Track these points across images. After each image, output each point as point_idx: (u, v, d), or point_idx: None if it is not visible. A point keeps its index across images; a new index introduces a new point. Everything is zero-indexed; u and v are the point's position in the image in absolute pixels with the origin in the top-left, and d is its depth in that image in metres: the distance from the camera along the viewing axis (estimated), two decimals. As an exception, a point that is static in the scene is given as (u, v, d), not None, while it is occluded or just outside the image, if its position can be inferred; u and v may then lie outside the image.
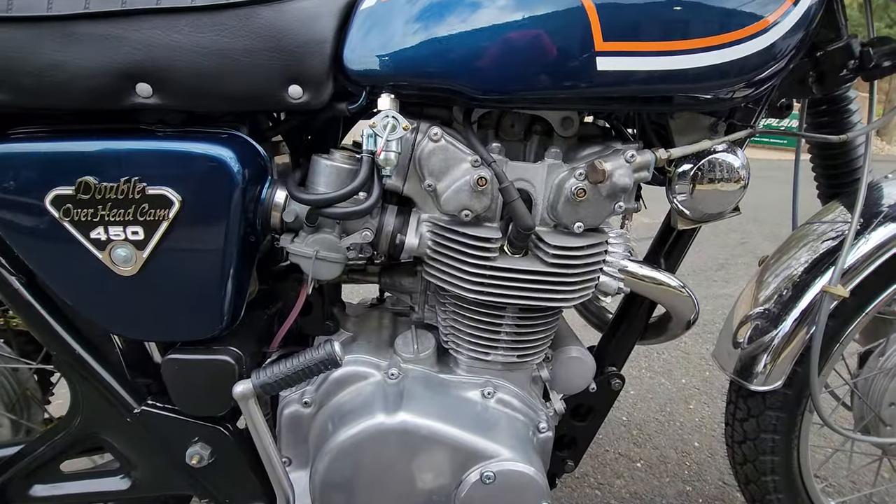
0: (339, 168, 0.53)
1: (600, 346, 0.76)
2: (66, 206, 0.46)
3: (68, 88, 0.44)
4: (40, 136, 0.47)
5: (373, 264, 0.69)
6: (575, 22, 0.46)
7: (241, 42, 0.46)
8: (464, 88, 0.49)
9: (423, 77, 0.49)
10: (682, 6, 0.47)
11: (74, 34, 0.43)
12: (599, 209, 0.53)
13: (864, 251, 0.68)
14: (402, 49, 0.48)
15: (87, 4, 0.43)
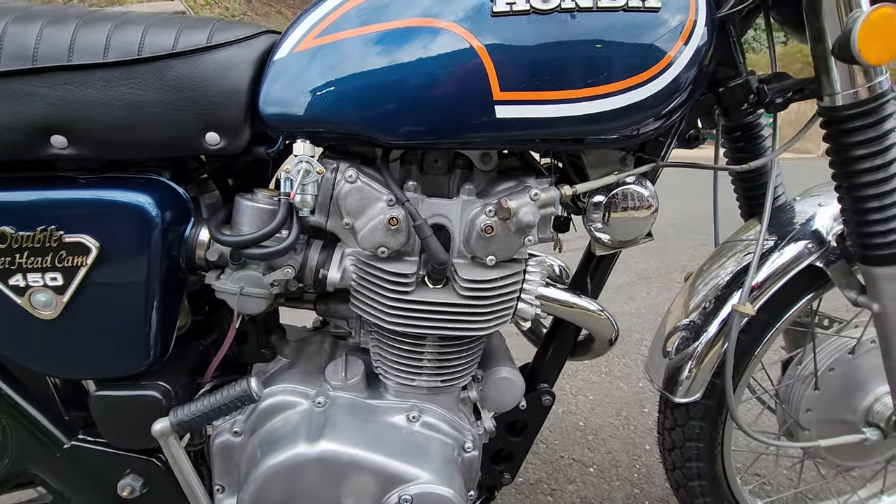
0: (260, 209, 0.55)
1: (534, 363, 0.80)
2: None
3: None
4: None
5: (309, 292, 0.71)
6: (473, 73, 0.49)
7: (155, 94, 0.48)
8: (372, 134, 0.52)
9: (333, 124, 0.52)
10: (576, 57, 0.51)
11: (-14, 91, 0.45)
12: (509, 243, 0.57)
13: (772, 270, 0.73)
14: (313, 98, 0.51)
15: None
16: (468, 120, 0.51)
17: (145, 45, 0.48)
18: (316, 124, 0.52)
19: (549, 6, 0.49)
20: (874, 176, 0.61)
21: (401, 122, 0.51)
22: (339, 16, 0.51)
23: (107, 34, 0.47)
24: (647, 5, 0.50)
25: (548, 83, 0.50)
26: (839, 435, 0.82)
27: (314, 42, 0.51)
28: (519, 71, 0.50)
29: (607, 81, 0.51)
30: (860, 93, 0.58)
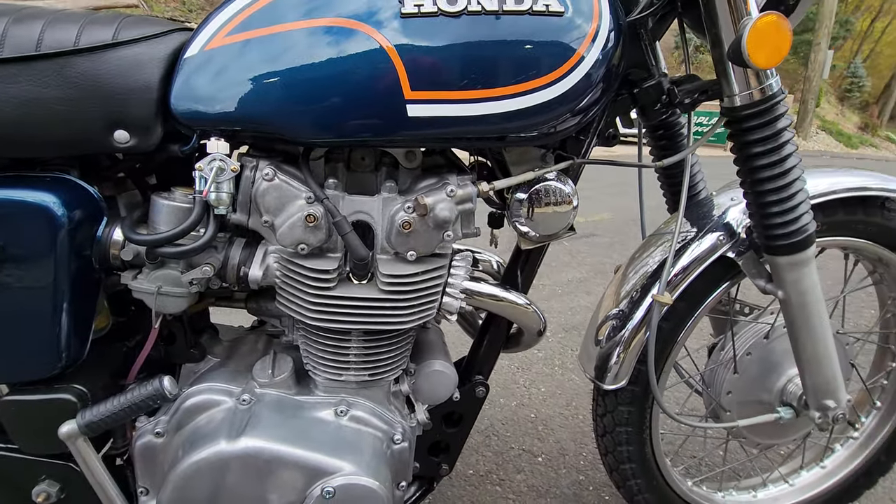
0: (176, 207, 0.55)
1: (469, 356, 0.82)
2: None
3: None
4: None
5: (237, 290, 0.71)
6: (383, 73, 0.50)
7: (57, 91, 0.47)
8: (284, 133, 0.52)
9: (246, 122, 0.52)
10: (484, 58, 0.53)
11: None
12: (428, 239, 0.58)
13: (688, 261, 0.77)
14: (224, 96, 0.51)
15: None
16: (380, 119, 0.52)
17: (44, 40, 0.47)
18: (228, 122, 0.52)
19: (457, 9, 0.50)
20: (772, 171, 0.65)
21: (312, 121, 0.52)
22: (249, 14, 0.51)
23: (3, 27, 0.46)
24: (551, 10, 0.52)
25: (458, 83, 0.52)
26: (757, 415, 0.87)
27: (225, 40, 0.51)
28: (429, 71, 0.51)
29: (516, 81, 0.53)
30: (754, 94, 0.62)
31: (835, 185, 0.78)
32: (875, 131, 17.35)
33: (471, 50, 0.52)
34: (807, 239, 0.68)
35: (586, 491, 1.16)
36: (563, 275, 2.59)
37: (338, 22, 0.50)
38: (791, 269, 0.71)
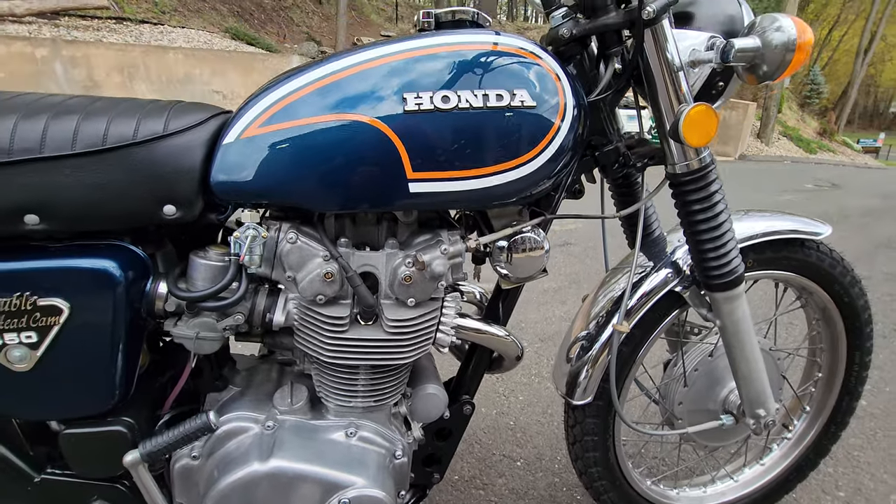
0: (212, 266, 0.65)
1: (457, 378, 0.93)
2: (-40, 318, 0.55)
3: None
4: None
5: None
6: (389, 158, 0.62)
7: (119, 177, 0.57)
8: (306, 205, 0.63)
9: (275, 198, 0.63)
10: (474, 143, 0.64)
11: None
12: (425, 288, 0.70)
13: (643, 293, 0.90)
14: (257, 177, 0.61)
15: (-25, 157, 0.52)
16: (387, 194, 0.63)
17: (109, 135, 0.56)
18: (260, 197, 0.63)
19: (449, 106, 0.62)
20: (707, 225, 0.79)
21: (329, 197, 0.63)
22: (278, 109, 0.61)
23: (75, 125, 0.56)
24: (525, 105, 0.64)
25: (451, 165, 0.64)
26: (704, 422, 1.01)
27: (258, 130, 0.61)
28: (427, 155, 0.63)
29: (501, 161, 0.65)
30: (692, 164, 0.76)
31: (764, 228, 0.93)
32: (832, 136, 18.20)
33: (461, 138, 0.63)
34: (737, 279, 0.82)
35: (560, 492, 1.29)
36: (538, 285, 2.73)
37: (352, 117, 0.61)
38: (725, 303, 0.86)
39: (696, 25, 0.77)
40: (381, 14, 19.61)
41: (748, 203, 5.59)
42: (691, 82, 0.74)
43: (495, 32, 0.68)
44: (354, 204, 0.64)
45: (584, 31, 0.72)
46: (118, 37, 7.32)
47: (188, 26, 9.03)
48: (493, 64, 0.64)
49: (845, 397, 1.13)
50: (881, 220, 5.03)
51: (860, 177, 9.77)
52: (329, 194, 0.63)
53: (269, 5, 15.48)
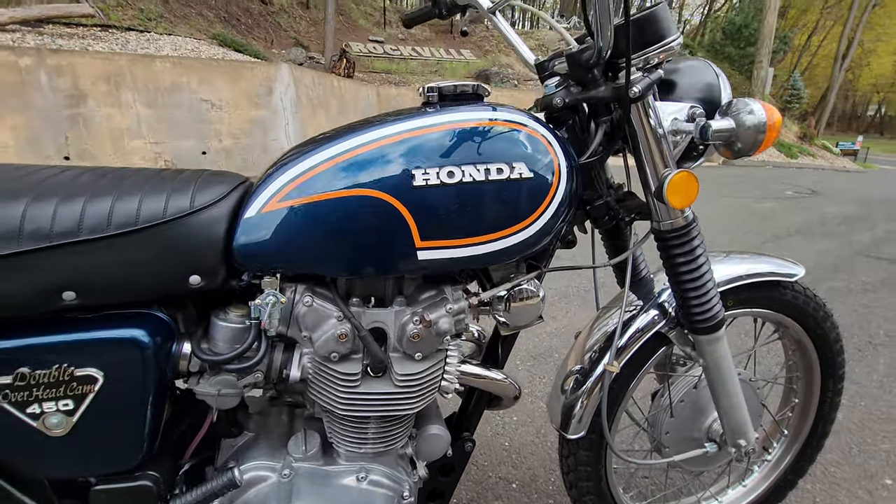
0: (232, 328, 0.69)
1: (458, 415, 0.99)
2: (5, 391, 0.58)
3: (4, 305, 0.57)
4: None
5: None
6: (399, 229, 0.67)
7: (150, 254, 0.61)
8: (323, 272, 0.68)
9: (293, 266, 0.67)
10: (478, 213, 0.69)
11: (10, 266, 0.56)
12: (432, 343, 0.75)
13: (630, 334, 0.97)
14: (276, 248, 0.66)
15: (19, 243, 0.56)
16: (397, 262, 0.68)
17: (141, 214, 0.61)
18: (279, 265, 0.67)
19: (454, 180, 0.67)
20: (690, 276, 0.85)
21: (344, 266, 0.68)
22: (297, 184, 0.66)
23: (110, 206, 0.60)
24: (523, 176, 0.70)
25: (457, 234, 0.69)
26: (689, 450, 1.08)
27: (278, 205, 0.66)
28: (434, 226, 0.68)
29: (502, 227, 0.71)
30: (675, 222, 0.82)
31: (744, 271, 1.00)
32: (812, 140, 18.63)
33: (466, 209, 0.69)
34: (718, 324, 0.89)
35: (555, 513, 1.35)
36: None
37: (366, 192, 0.66)
38: (708, 344, 0.92)
39: (678, 93, 0.83)
40: (368, 19, 19.62)
41: (731, 210, 5.74)
42: (674, 148, 0.80)
43: (492, 108, 0.73)
44: (366, 271, 0.69)
45: (576, 100, 0.79)
46: (104, 45, 7.26)
47: (175, 33, 8.98)
48: (493, 139, 0.70)
49: (820, 422, 1.20)
50: (858, 227, 5.20)
51: (838, 182, 10.05)
52: (343, 263, 0.68)
53: (256, 10, 15.41)
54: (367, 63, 16.57)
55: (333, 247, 0.67)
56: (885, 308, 2.89)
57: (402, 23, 1.18)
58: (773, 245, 4.29)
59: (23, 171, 0.65)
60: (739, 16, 17.63)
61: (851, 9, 23.51)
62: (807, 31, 32.76)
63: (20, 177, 0.62)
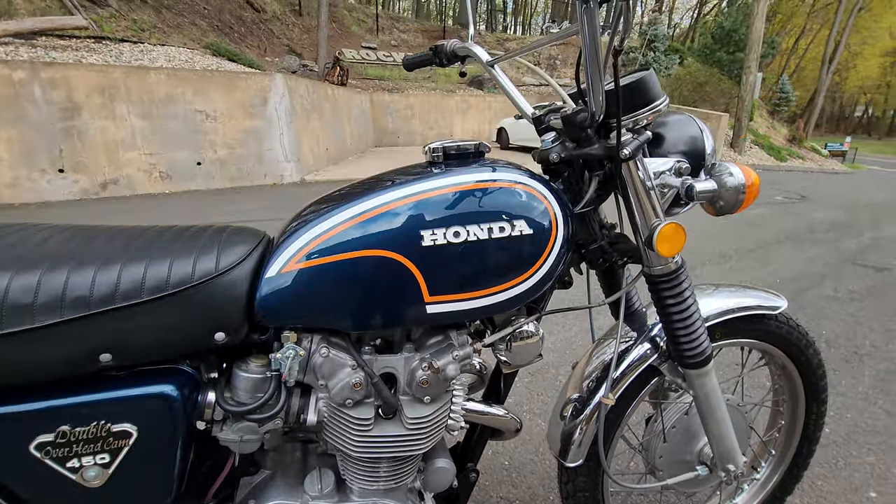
0: (253, 379, 0.74)
1: (463, 445, 1.04)
2: (47, 448, 0.63)
3: (46, 369, 0.61)
4: (21, 396, 0.63)
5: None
6: (409, 286, 0.72)
7: (180, 316, 0.66)
8: (338, 327, 0.73)
9: (311, 321, 0.72)
10: (483, 268, 0.75)
11: (53, 334, 0.60)
12: (440, 388, 0.80)
13: (625, 367, 1.02)
14: (296, 306, 0.71)
15: (62, 312, 0.60)
16: (407, 317, 0.74)
17: (171, 279, 0.65)
18: (298, 322, 0.72)
19: (460, 240, 0.73)
20: (679, 316, 0.91)
21: (358, 321, 0.73)
22: (314, 246, 0.71)
23: (143, 272, 0.64)
24: (524, 233, 0.76)
25: (462, 287, 0.74)
26: (682, 473, 1.13)
27: (296, 266, 0.71)
28: (442, 282, 0.73)
29: (506, 280, 0.76)
30: (665, 268, 0.88)
31: (732, 305, 1.06)
32: (801, 143, 18.88)
33: (471, 266, 0.74)
34: (706, 359, 0.95)
35: (554, 532, 1.40)
36: (527, 315, 2.85)
37: (377, 252, 0.71)
38: (696, 377, 0.98)
39: (666, 146, 0.89)
40: (361, 26, 19.70)
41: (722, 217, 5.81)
42: (662, 198, 0.86)
43: (492, 168, 0.79)
44: (379, 325, 0.74)
45: (571, 156, 0.84)
46: (98, 57, 7.26)
47: (168, 43, 8.99)
48: (494, 199, 0.75)
49: (805, 442, 1.26)
50: (845, 233, 5.31)
51: (827, 186, 10.21)
52: (358, 318, 0.73)
53: (249, 18, 15.41)
54: (360, 69, 16.62)
55: (349, 304, 0.72)
56: (870, 318, 2.97)
57: (403, 66, 1.23)
58: (763, 252, 4.37)
59: (64, 232, 0.69)
60: (728, 20, 17.85)
61: (837, 13, 23.90)
62: (794, 34, 33.22)
63: (66, 241, 0.67)
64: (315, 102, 9.83)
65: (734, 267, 3.89)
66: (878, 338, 2.70)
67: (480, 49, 1.03)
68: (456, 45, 1.08)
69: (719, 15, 20.54)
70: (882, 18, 32.21)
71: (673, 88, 15.86)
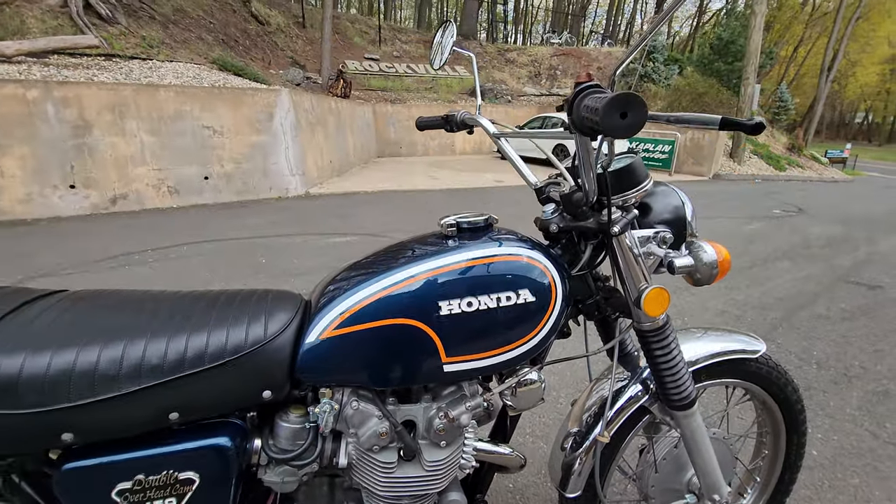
0: (294, 429, 0.86)
1: (473, 478, 1.15)
2: (126, 494, 0.74)
3: (126, 427, 0.73)
4: (105, 450, 0.74)
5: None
6: (429, 350, 0.83)
7: (235, 379, 0.77)
8: (369, 385, 0.85)
9: (345, 381, 0.84)
10: (493, 331, 0.86)
11: (134, 399, 0.72)
12: (454, 434, 0.91)
13: (619, 406, 1.13)
14: (332, 367, 0.82)
15: (140, 380, 0.72)
16: (427, 375, 0.85)
17: (228, 347, 0.77)
18: (333, 381, 0.84)
19: (472, 309, 0.84)
20: (665, 366, 1.03)
21: (385, 379, 0.84)
22: (347, 316, 0.83)
23: (205, 341, 0.76)
24: (527, 300, 0.87)
25: (475, 349, 0.86)
26: (672, 501, 1.24)
27: (333, 333, 0.82)
28: (457, 344, 0.85)
29: (514, 340, 0.88)
30: (654, 324, 0.99)
31: (716, 350, 1.17)
32: (801, 151, 19.01)
33: (482, 330, 0.85)
34: (691, 402, 1.06)
35: (556, 553, 1.51)
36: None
37: (401, 321, 0.82)
38: (683, 418, 1.09)
39: (653, 215, 1.01)
40: (363, 37, 19.93)
41: (719, 232, 5.92)
42: (647, 264, 0.98)
43: (499, 242, 0.90)
44: (403, 383, 0.86)
45: (568, 227, 0.96)
46: (108, 74, 7.42)
47: (176, 59, 9.16)
48: (501, 272, 0.87)
49: (787, 471, 1.37)
50: (840, 249, 5.41)
51: (825, 197, 10.31)
52: (384, 377, 0.84)
53: (254, 31, 15.62)
54: (363, 81, 16.81)
55: (377, 364, 0.83)
56: (861, 338, 3.07)
57: (416, 126, 1.36)
58: (759, 269, 4.48)
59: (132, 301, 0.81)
60: (726, 31, 18.05)
61: (835, 22, 24.13)
62: (793, 43, 33.49)
63: (138, 309, 0.79)
64: (319, 116, 10.00)
65: (730, 285, 3.99)
66: (866, 358, 2.80)
67: (487, 122, 1.15)
68: (465, 116, 1.21)
69: (718, 25, 20.69)
70: (880, 27, 32.46)
71: (672, 99, 16.02)
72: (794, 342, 2.98)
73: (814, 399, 2.37)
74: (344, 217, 6.45)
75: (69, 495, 0.73)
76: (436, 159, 14.49)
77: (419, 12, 33.42)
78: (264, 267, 4.16)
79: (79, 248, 4.76)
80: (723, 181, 12.19)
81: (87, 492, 0.74)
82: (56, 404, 0.68)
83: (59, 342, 0.70)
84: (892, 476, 1.86)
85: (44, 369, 0.68)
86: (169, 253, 4.62)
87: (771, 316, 3.39)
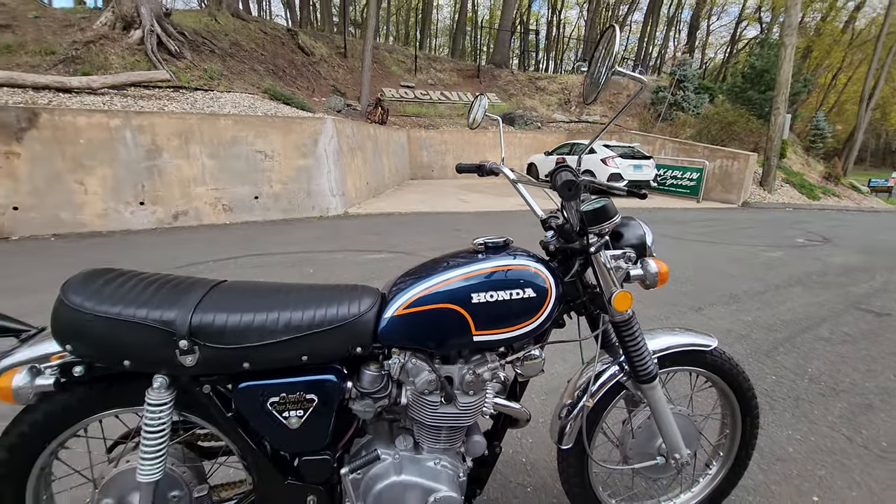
0: (373, 375, 1.30)
1: (491, 429, 1.56)
2: (275, 405, 1.20)
3: (278, 362, 1.19)
4: (262, 377, 1.21)
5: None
6: (464, 326, 1.27)
7: (340, 338, 1.22)
8: (423, 348, 1.29)
9: (409, 344, 1.28)
10: (507, 314, 1.29)
11: (280, 346, 1.18)
12: (479, 386, 1.34)
13: (601, 382, 1.53)
14: (401, 334, 1.27)
15: (288, 333, 1.18)
16: (463, 344, 1.28)
17: (338, 316, 1.22)
18: (401, 343, 1.28)
19: (494, 300, 1.27)
20: (633, 348, 1.43)
21: (435, 345, 1.28)
22: (411, 300, 1.27)
23: (325, 311, 1.22)
24: (531, 296, 1.30)
25: (497, 326, 1.28)
26: (646, 461, 1.62)
27: (402, 311, 1.27)
28: (484, 323, 1.27)
29: (521, 322, 1.30)
30: (622, 317, 1.40)
31: (674, 342, 1.56)
32: (838, 180, 18.68)
33: (501, 314, 1.28)
34: (652, 377, 1.45)
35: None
36: (546, 345, 3.34)
37: (446, 305, 1.26)
38: (648, 390, 1.48)
39: (624, 239, 1.42)
40: (400, 66, 20.94)
41: (739, 258, 6.10)
42: (617, 274, 1.39)
43: (513, 256, 1.34)
44: (447, 349, 1.29)
45: (562, 247, 1.39)
46: (176, 105, 8.31)
47: (233, 89, 10.09)
48: (515, 276, 1.30)
49: (744, 447, 1.72)
50: (857, 278, 5.55)
51: (856, 227, 10.20)
52: (435, 344, 1.28)
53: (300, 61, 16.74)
54: (398, 107, 17.65)
55: (430, 335, 1.27)
56: (857, 359, 3.31)
57: (456, 169, 1.82)
58: (771, 294, 4.71)
59: (270, 287, 1.28)
60: (759, 60, 18.14)
61: (876, 49, 23.78)
62: (833, 69, 32.96)
63: (275, 291, 1.26)
64: (359, 141, 10.72)
65: (740, 308, 4.26)
66: (858, 376, 3.05)
67: (508, 170, 1.60)
68: (493, 167, 1.67)
69: (751, 55, 20.74)
70: (925, 54, 31.56)
71: (702, 127, 16.17)
72: (792, 359, 3.25)
73: (800, 408, 2.66)
74: (379, 234, 6.99)
75: (242, 403, 1.20)
76: (465, 182, 15.06)
77: (453, 41, 34.70)
78: (313, 277, 4.69)
79: (151, 257, 5.43)
80: (751, 209, 12.23)
81: (252, 402, 1.20)
82: (242, 343, 1.15)
83: (243, 308, 1.18)
84: (856, 469, 2.14)
85: (237, 323, 1.15)
86: (228, 264, 5.22)
87: (774, 336, 3.65)
